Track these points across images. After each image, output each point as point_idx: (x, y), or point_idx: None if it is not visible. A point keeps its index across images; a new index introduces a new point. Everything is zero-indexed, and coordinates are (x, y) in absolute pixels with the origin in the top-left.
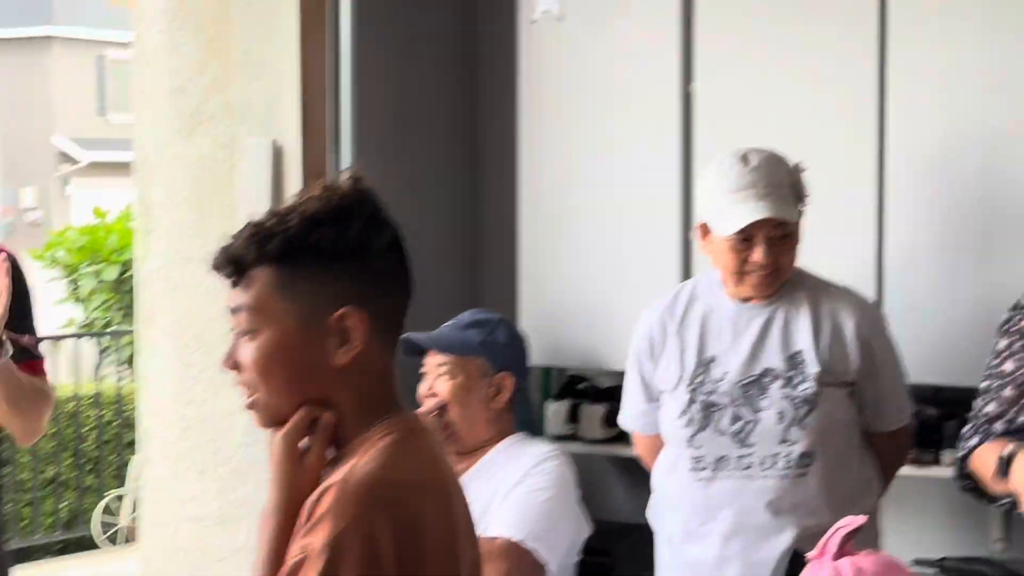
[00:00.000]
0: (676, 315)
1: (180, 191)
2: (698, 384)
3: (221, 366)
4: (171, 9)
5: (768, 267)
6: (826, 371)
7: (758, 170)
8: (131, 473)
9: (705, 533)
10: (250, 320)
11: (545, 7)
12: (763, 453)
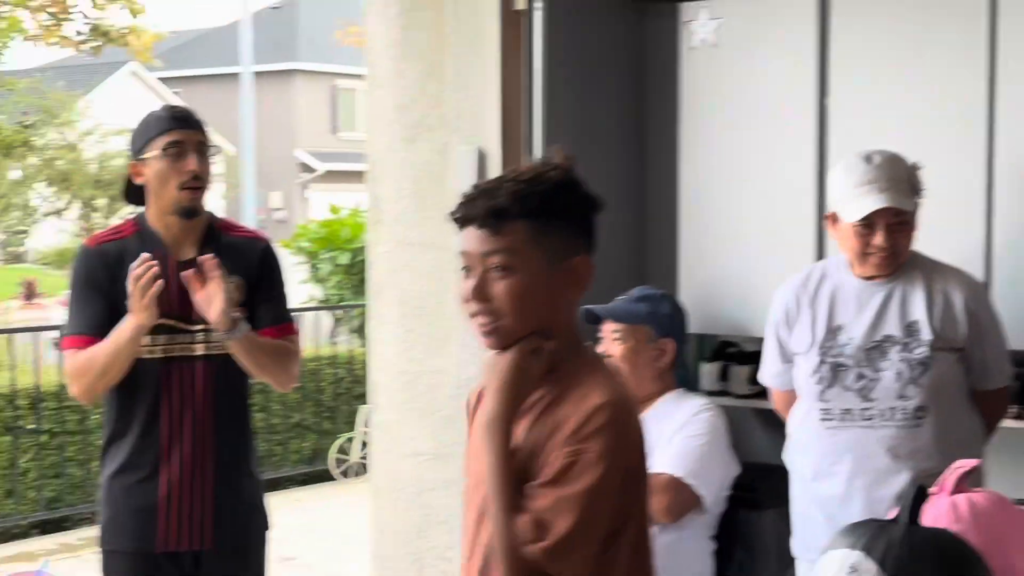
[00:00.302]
0: (809, 290)
1: (403, 189)
2: (827, 348)
3: (465, 299)
4: (396, 44)
5: (887, 250)
6: (938, 338)
7: (880, 168)
8: (360, 419)
9: (832, 473)
10: (506, 261)
11: (702, 36)
12: (882, 407)
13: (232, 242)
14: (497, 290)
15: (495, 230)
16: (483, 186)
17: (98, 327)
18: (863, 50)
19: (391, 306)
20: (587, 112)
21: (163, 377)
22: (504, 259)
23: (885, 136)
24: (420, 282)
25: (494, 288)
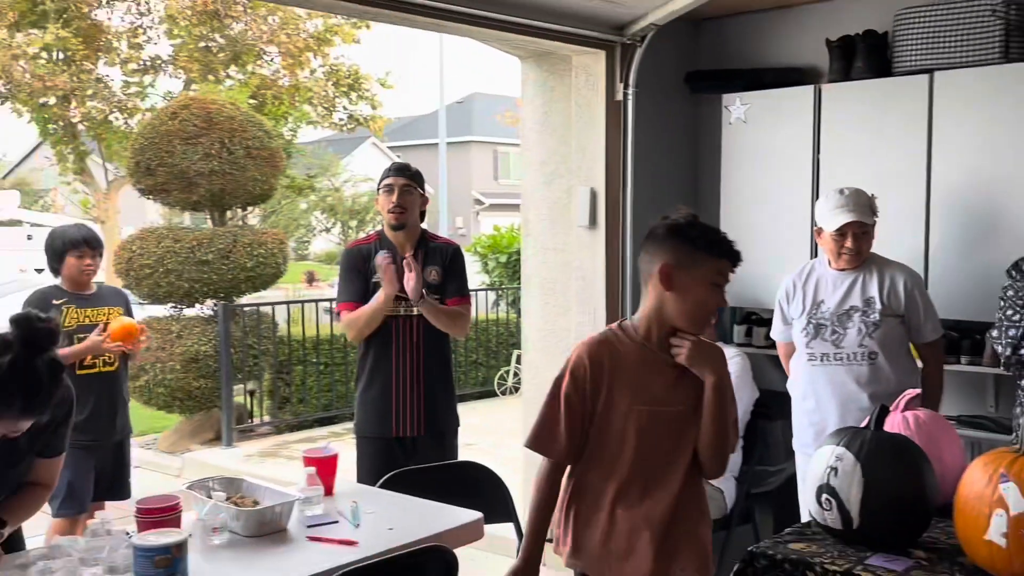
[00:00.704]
0: (802, 278)
1: (543, 214)
2: (812, 314)
3: (718, 309)
4: (540, 123)
5: (853, 251)
6: (886, 308)
7: (849, 196)
8: (513, 358)
9: (816, 395)
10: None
11: (736, 116)
12: (848, 352)
13: (435, 246)
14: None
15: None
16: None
17: (359, 297)
18: (842, 126)
19: (535, 288)
20: (660, 166)
21: (394, 326)
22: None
23: (856, 178)
24: (552, 273)
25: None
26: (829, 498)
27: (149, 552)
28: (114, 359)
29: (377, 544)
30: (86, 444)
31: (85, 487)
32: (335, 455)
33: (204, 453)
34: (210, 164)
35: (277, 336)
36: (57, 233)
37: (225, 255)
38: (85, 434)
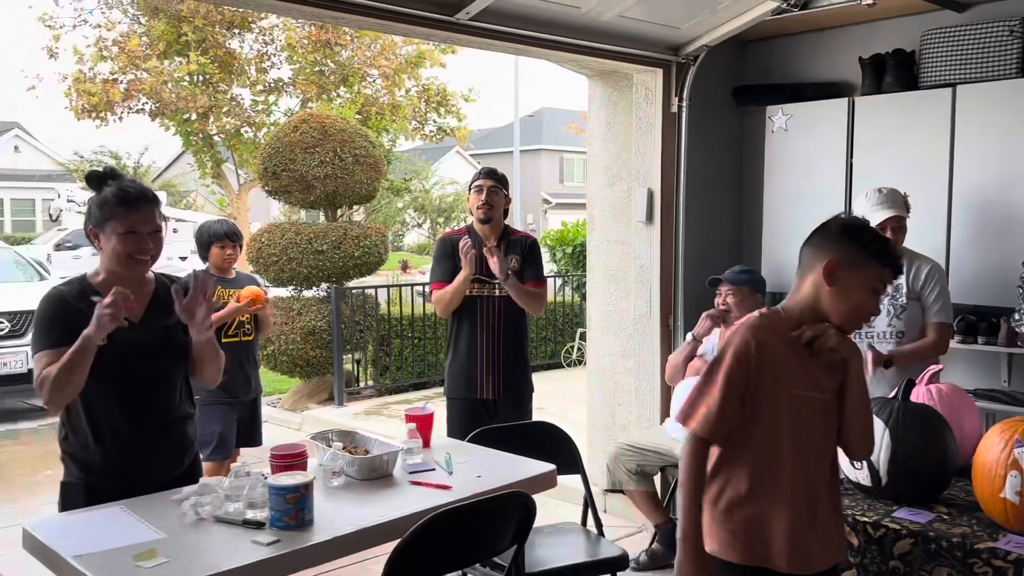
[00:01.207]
0: None
1: (606, 211)
2: None
3: (875, 314)
4: (604, 132)
5: (891, 243)
6: (911, 292)
7: (887, 195)
8: (578, 334)
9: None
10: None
11: (778, 125)
12: (878, 331)
13: (516, 238)
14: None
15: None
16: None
17: (448, 277)
18: (873, 134)
19: (599, 274)
20: (709, 169)
21: (478, 305)
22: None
23: (885, 181)
24: (614, 261)
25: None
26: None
27: (282, 490)
28: (251, 331)
29: (467, 489)
30: (229, 401)
31: (230, 437)
32: (432, 413)
33: (319, 411)
34: (324, 169)
35: (379, 314)
36: (204, 227)
37: (336, 246)
38: (228, 392)
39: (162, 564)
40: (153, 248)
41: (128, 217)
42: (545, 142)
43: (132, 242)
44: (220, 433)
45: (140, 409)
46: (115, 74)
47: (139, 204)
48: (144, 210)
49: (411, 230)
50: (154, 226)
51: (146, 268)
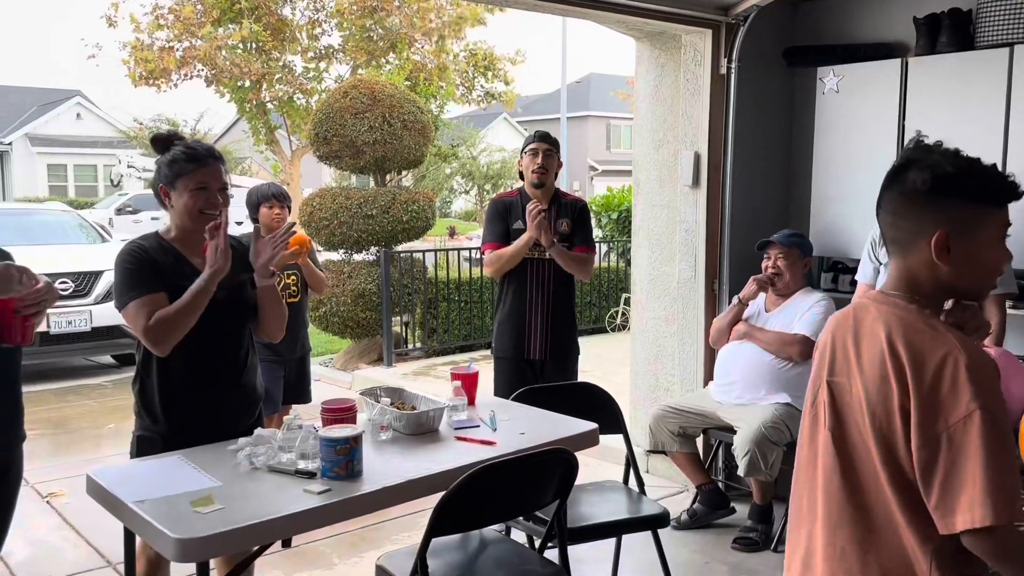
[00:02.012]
0: None
1: (652, 175)
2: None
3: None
4: (651, 95)
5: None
6: None
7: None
8: (622, 299)
9: None
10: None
11: (829, 87)
12: None
13: (566, 202)
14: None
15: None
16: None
17: (501, 239)
18: (926, 96)
19: (644, 238)
20: (757, 132)
21: (528, 267)
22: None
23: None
24: (659, 226)
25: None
26: None
27: (333, 442)
28: (297, 293)
29: (511, 445)
30: (273, 359)
31: (276, 393)
32: (477, 372)
33: (369, 371)
34: (374, 135)
35: (427, 278)
36: (253, 190)
37: (386, 210)
38: (272, 351)
39: (218, 510)
40: (222, 203)
41: (198, 172)
42: (592, 108)
43: (202, 197)
44: (265, 389)
45: (212, 362)
46: (171, 42)
47: (207, 160)
48: (212, 166)
49: (458, 197)
50: (222, 182)
51: (216, 224)
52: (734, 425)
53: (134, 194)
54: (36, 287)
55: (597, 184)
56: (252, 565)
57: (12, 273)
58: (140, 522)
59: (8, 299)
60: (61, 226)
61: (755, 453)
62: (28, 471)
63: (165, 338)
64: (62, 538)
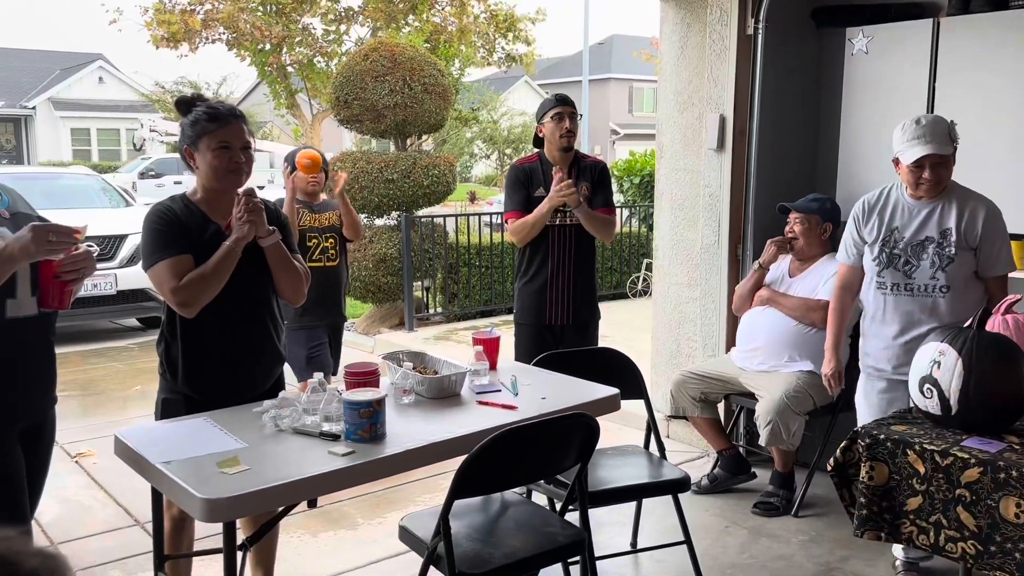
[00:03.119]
0: (879, 202)
1: (676, 139)
2: (886, 241)
3: None
4: (677, 56)
5: (931, 181)
6: (961, 240)
7: (926, 126)
8: (643, 265)
9: (885, 322)
10: None
11: (858, 48)
12: (919, 283)
13: (586, 164)
14: None
15: None
16: None
17: (523, 207)
18: (959, 58)
19: (666, 203)
20: (784, 94)
21: (550, 234)
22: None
23: (970, 107)
24: (682, 190)
25: None
26: (931, 387)
27: (356, 405)
28: (335, 256)
29: (532, 409)
30: (308, 326)
31: (322, 359)
32: (498, 336)
33: (391, 335)
34: (394, 98)
35: (447, 243)
36: (291, 154)
37: (406, 175)
38: (306, 317)
39: (244, 471)
40: (245, 162)
41: (220, 131)
42: (615, 71)
43: (226, 156)
44: (305, 357)
45: (235, 324)
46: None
47: (229, 119)
48: (234, 124)
49: (479, 161)
50: (244, 141)
51: (240, 183)
52: (756, 393)
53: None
54: (75, 252)
55: (619, 148)
56: (277, 525)
57: (42, 234)
58: (168, 482)
59: (49, 263)
60: (85, 190)
61: (777, 423)
62: (57, 432)
63: (192, 300)
64: (91, 497)
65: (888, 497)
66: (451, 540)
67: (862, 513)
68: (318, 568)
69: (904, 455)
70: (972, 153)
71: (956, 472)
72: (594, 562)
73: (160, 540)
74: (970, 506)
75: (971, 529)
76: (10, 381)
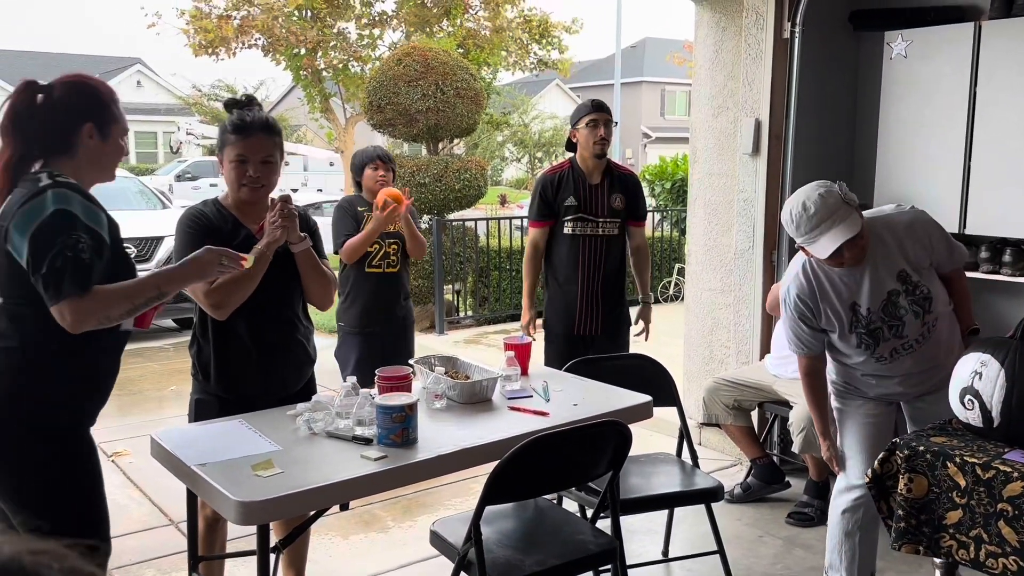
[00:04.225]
0: (814, 293)
1: (710, 143)
2: (856, 323)
3: None
4: (711, 60)
5: (859, 255)
6: (920, 270)
7: (818, 211)
8: (675, 270)
9: (889, 376)
10: None
11: (897, 51)
12: (913, 336)
13: (619, 175)
14: None
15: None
16: None
17: (547, 217)
18: (1000, 62)
19: (700, 208)
20: (821, 98)
21: (580, 243)
22: None
23: (1010, 113)
24: (716, 195)
25: None
26: (972, 399)
27: (389, 410)
28: (396, 263)
29: (564, 416)
30: (366, 331)
31: (368, 364)
32: (530, 342)
33: (421, 338)
34: (427, 102)
35: (478, 246)
36: (358, 152)
37: (438, 178)
38: (364, 323)
39: (278, 474)
40: (262, 177)
41: (239, 144)
42: (647, 74)
43: (241, 170)
44: (357, 360)
45: (266, 325)
46: (229, 10)
47: (251, 132)
48: (255, 138)
49: (510, 164)
50: (265, 155)
51: (260, 195)
52: (790, 400)
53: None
54: None
55: (650, 151)
56: (309, 527)
57: (216, 256)
58: (203, 484)
59: None
60: (123, 192)
61: (811, 431)
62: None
63: (225, 302)
64: (127, 496)
65: (927, 510)
66: (482, 546)
67: (900, 526)
68: (349, 570)
69: (944, 467)
70: (1016, 158)
71: (998, 486)
72: (625, 571)
73: (194, 541)
74: (1012, 521)
75: (1013, 544)
76: (101, 392)
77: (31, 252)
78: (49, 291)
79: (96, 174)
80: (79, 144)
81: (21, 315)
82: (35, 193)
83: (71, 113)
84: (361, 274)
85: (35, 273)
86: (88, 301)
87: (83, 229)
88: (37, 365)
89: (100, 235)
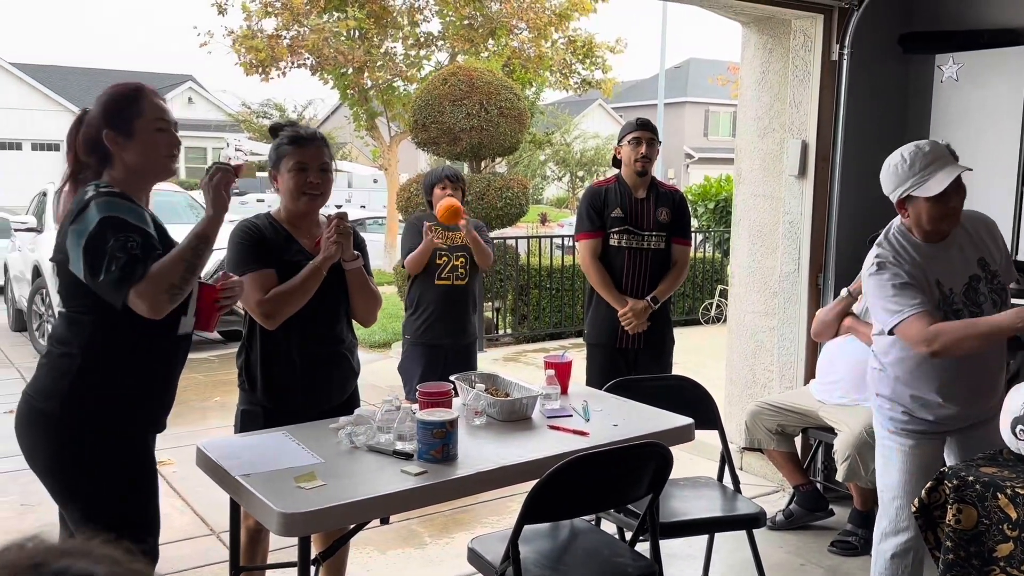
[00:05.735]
0: (903, 264)
1: (755, 165)
2: (940, 303)
3: None
4: (758, 82)
5: (959, 207)
6: (995, 263)
7: (932, 149)
8: (717, 291)
9: (959, 376)
10: None
11: (948, 75)
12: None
13: (664, 191)
14: None
15: None
16: None
17: (598, 228)
18: None
19: (744, 230)
20: (869, 121)
21: (626, 256)
22: None
23: None
24: (762, 217)
25: None
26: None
27: (429, 425)
28: (464, 275)
29: (604, 436)
30: (430, 343)
31: (432, 377)
32: (570, 361)
33: None
34: (471, 122)
35: (519, 265)
36: (428, 172)
37: (481, 196)
38: (430, 335)
39: (320, 487)
40: (322, 184)
41: (296, 152)
42: (691, 94)
43: (301, 177)
44: (420, 374)
45: (312, 338)
46: (279, 30)
47: (307, 142)
48: (312, 147)
49: (551, 183)
50: (322, 163)
51: (318, 204)
52: (835, 427)
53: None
54: (233, 280)
55: (693, 172)
56: (349, 540)
57: (217, 181)
58: (246, 495)
59: (212, 288)
60: (173, 206)
61: (855, 459)
62: None
63: (276, 313)
64: (170, 505)
65: (976, 542)
66: (520, 565)
67: (948, 558)
68: None
69: (994, 499)
70: None
71: None
72: None
73: (236, 551)
74: None
75: None
76: (164, 395)
77: (87, 263)
78: (114, 295)
79: (145, 173)
80: (111, 152)
81: (80, 322)
82: (82, 208)
83: (91, 126)
84: (430, 286)
85: (95, 282)
86: (147, 283)
87: (131, 229)
88: (92, 370)
89: (147, 232)
